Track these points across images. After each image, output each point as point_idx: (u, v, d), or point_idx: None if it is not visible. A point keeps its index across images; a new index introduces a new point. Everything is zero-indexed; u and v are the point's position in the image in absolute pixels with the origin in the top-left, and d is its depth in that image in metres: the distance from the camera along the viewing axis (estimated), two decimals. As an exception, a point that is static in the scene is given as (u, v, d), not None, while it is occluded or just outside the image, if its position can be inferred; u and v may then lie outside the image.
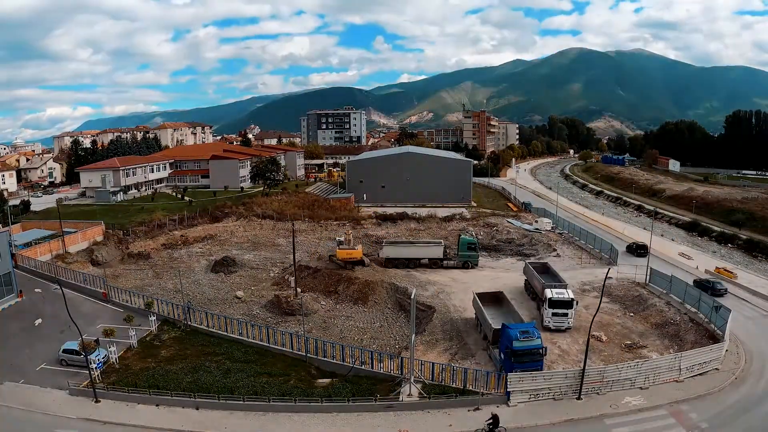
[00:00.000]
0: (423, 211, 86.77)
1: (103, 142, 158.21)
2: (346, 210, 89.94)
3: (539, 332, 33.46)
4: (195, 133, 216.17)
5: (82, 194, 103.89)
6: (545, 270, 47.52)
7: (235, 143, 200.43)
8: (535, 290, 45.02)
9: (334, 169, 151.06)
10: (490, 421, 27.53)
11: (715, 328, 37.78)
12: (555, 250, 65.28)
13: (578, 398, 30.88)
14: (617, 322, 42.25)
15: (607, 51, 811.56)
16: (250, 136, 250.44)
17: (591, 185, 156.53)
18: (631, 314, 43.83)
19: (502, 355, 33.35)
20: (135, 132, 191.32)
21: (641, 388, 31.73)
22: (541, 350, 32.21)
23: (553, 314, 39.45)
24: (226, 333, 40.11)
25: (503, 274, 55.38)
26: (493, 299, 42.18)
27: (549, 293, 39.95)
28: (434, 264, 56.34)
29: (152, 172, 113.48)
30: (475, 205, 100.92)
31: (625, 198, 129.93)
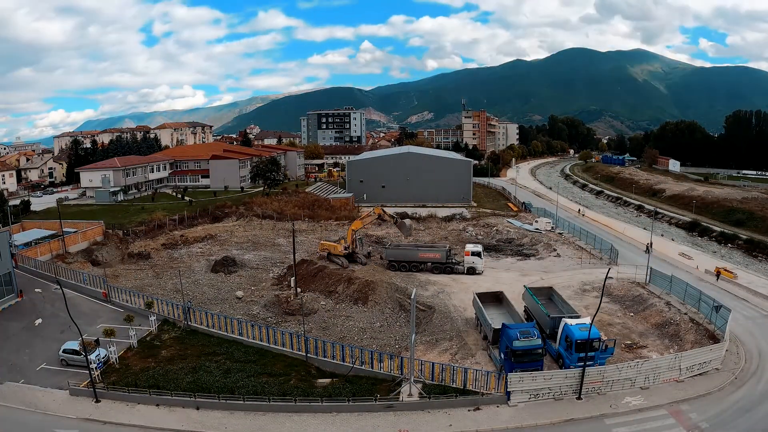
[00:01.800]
0: (423, 211, 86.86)
1: (103, 142, 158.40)
2: (346, 210, 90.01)
3: (539, 332, 33.53)
4: (195, 133, 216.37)
5: (82, 194, 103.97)
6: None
7: (235, 143, 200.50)
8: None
9: (334, 169, 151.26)
10: None
11: (715, 328, 37.80)
12: (555, 250, 65.26)
13: (578, 398, 30.90)
14: (617, 322, 42.27)
15: (607, 51, 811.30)
16: (250, 136, 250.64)
17: (591, 185, 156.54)
18: (631, 314, 43.86)
19: (502, 355, 33.40)
20: (135, 132, 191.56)
21: (641, 388, 31.75)
22: (541, 350, 32.26)
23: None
24: (226, 333, 40.09)
25: (503, 274, 55.39)
26: (494, 299, 42.22)
27: (469, 247, 57.24)
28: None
29: (152, 172, 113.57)
30: (475, 205, 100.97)
31: (625, 198, 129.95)
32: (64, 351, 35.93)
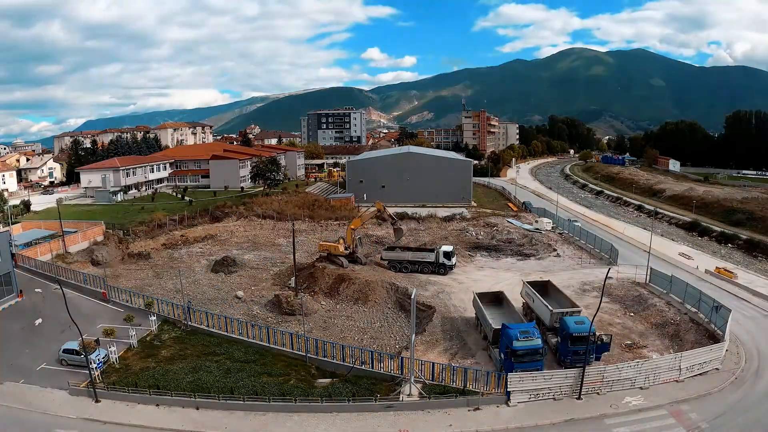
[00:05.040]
0: (423, 211, 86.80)
1: (103, 142, 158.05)
2: (346, 210, 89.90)
3: (539, 332, 33.61)
4: (195, 133, 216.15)
5: (83, 194, 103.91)
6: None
7: (235, 143, 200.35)
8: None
9: (334, 169, 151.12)
10: None
11: (715, 328, 37.81)
12: (555, 250, 65.27)
13: (578, 398, 30.90)
14: (617, 322, 42.26)
15: (607, 51, 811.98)
16: (250, 136, 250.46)
17: (591, 185, 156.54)
18: (631, 314, 43.85)
19: (503, 355, 33.39)
20: (135, 132, 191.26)
21: (641, 388, 31.75)
22: (541, 350, 32.22)
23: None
24: (226, 333, 40.10)
25: (504, 274, 55.40)
26: (494, 299, 42.28)
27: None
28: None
29: (152, 172, 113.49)
30: (475, 205, 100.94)
31: (625, 198, 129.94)
32: (64, 351, 35.94)
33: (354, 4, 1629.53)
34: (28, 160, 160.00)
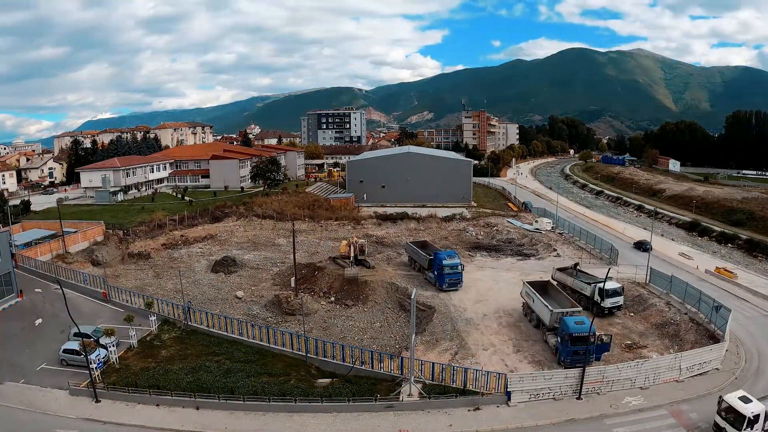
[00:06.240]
0: (423, 211, 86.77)
1: (103, 142, 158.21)
2: (346, 210, 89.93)
3: (459, 255, 50.25)
4: (195, 133, 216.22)
5: (83, 194, 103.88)
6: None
7: (235, 143, 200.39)
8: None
9: (334, 169, 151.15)
10: None
11: (715, 328, 37.82)
12: (555, 250, 65.27)
13: (578, 398, 30.92)
14: (617, 322, 42.30)
15: (608, 51, 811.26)
16: (250, 136, 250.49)
17: (591, 185, 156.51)
18: (631, 314, 43.88)
19: (435, 273, 49.12)
20: (135, 132, 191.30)
21: (641, 388, 31.77)
22: (460, 267, 48.84)
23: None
24: (226, 333, 40.12)
25: (504, 274, 55.40)
26: (422, 246, 54.79)
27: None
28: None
29: (152, 172, 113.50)
30: (475, 205, 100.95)
31: (625, 198, 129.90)
32: (64, 351, 35.95)
33: (430, 36, 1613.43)
34: (28, 160, 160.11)
